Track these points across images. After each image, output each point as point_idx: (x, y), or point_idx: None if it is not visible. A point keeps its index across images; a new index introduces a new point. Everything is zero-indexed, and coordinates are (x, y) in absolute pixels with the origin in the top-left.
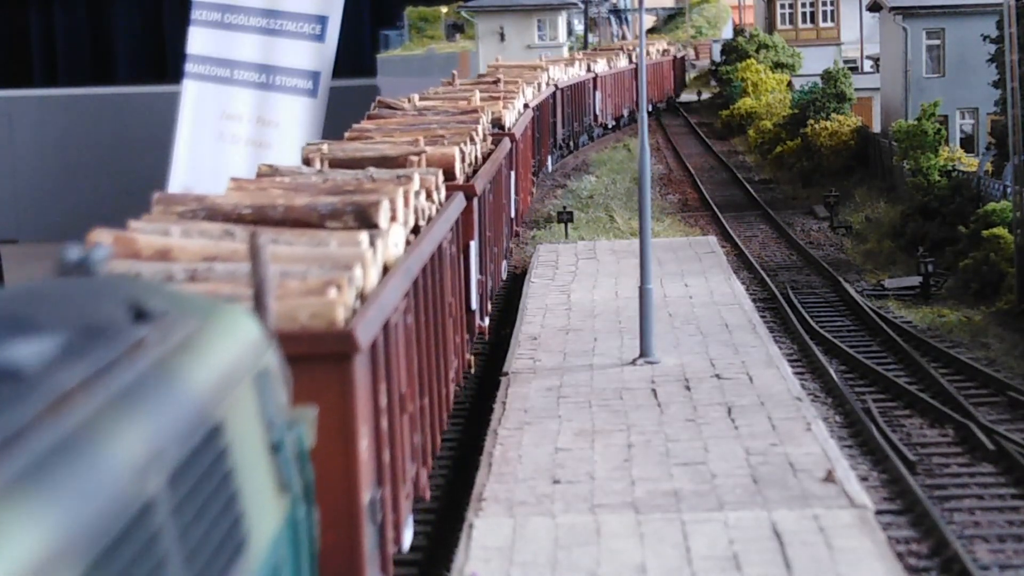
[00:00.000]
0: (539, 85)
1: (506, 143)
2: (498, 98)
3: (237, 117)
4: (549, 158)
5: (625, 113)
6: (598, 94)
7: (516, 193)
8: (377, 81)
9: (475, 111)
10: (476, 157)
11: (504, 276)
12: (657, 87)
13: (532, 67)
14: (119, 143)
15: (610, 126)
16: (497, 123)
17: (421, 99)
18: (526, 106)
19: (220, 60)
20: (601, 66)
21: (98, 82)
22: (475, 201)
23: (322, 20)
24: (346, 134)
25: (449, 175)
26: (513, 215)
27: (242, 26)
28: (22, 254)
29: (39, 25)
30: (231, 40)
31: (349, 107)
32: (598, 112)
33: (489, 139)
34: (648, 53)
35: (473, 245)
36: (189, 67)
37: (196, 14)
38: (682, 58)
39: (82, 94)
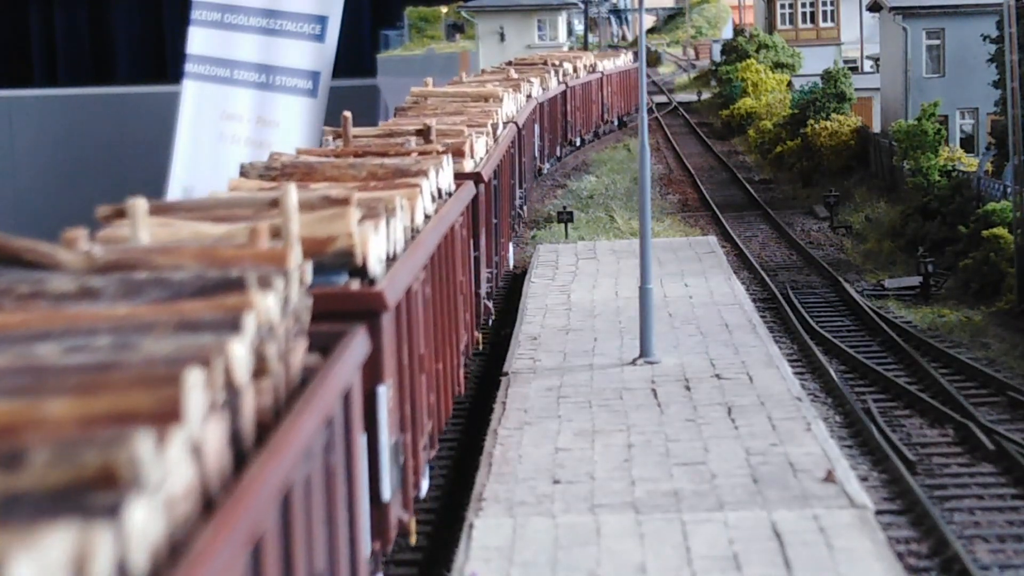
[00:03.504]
0: (494, 129)
1: (323, 393)
2: (408, 178)
3: (237, 117)
4: (511, 246)
5: (558, 151)
6: (536, 128)
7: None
8: (377, 81)
9: (235, 297)
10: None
11: None
12: (584, 116)
13: (481, 96)
14: (119, 143)
15: (544, 170)
16: (348, 264)
17: (160, 212)
18: (477, 181)
19: (220, 60)
20: (536, 89)
21: (98, 82)
22: None
23: (322, 20)
24: None
25: None
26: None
27: (242, 26)
28: None
29: (39, 25)
30: (231, 40)
31: (349, 107)
32: (536, 154)
33: (296, 355)
34: (575, 70)
35: None
36: (189, 67)
37: (196, 14)
38: (631, 72)
39: (82, 94)
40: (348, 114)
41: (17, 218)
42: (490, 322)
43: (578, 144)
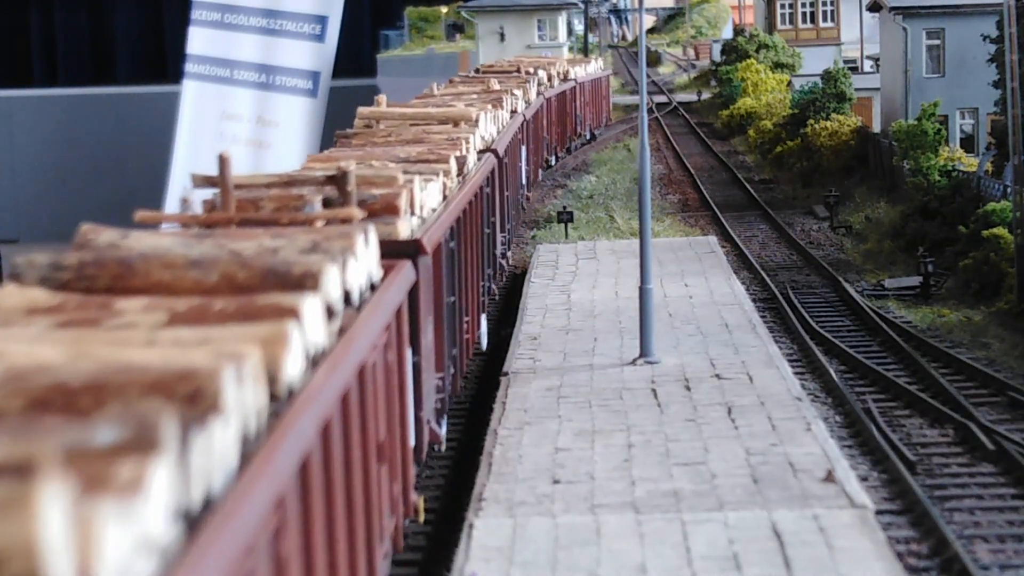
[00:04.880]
0: (461, 164)
1: None
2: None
3: (237, 117)
4: (484, 320)
5: (540, 174)
6: (523, 151)
7: None
8: (377, 81)
9: None
10: None
11: None
12: (559, 131)
13: (448, 118)
14: (119, 143)
15: (530, 198)
16: None
17: None
18: (416, 254)
19: (220, 60)
20: (520, 103)
21: (98, 82)
22: None
23: (322, 20)
24: None
25: None
26: None
27: (242, 26)
28: (22, 254)
29: (39, 25)
30: (231, 40)
31: (349, 107)
32: (524, 181)
33: None
34: (549, 78)
35: None
36: (189, 67)
37: (196, 14)
38: (603, 80)
39: (82, 94)
40: (226, 154)
41: (17, 218)
42: (441, 448)
43: (552, 163)
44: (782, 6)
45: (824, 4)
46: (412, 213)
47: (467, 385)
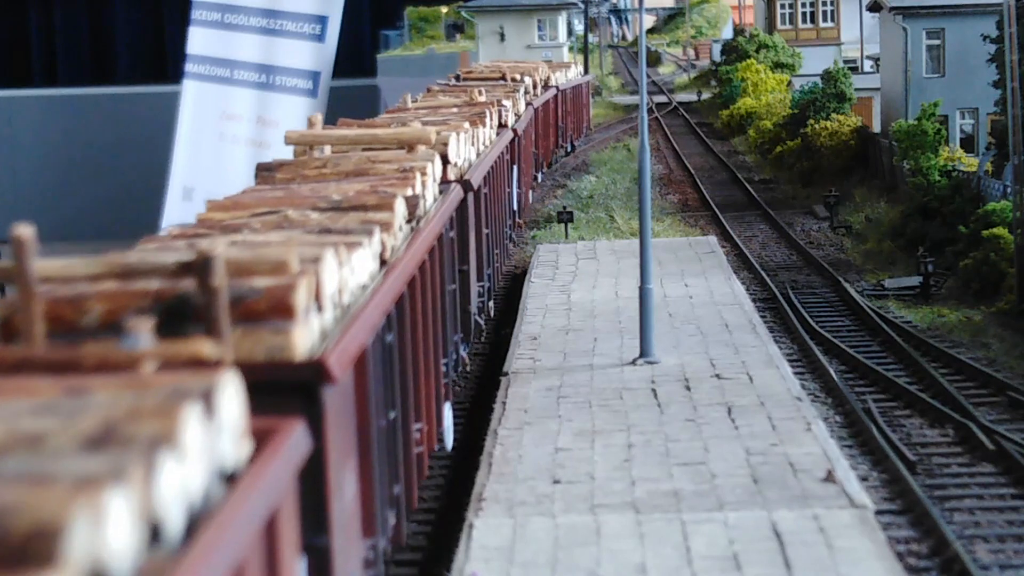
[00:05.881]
0: (413, 207)
1: None
2: None
3: (237, 117)
4: (448, 410)
5: (531, 198)
6: (515, 171)
7: None
8: (377, 81)
9: None
10: None
11: None
12: (544, 144)
13: (401, 141)
14: (119, 143)
15: (516, 229)
16: None
17: None
18: (315, 386)
19: (220, 60)
20: (510, 115)
21: (98, 82)
22: None
23: (322, 20)
24: None
25: None
26: None
27: (242, 26)
28: None
29: (39, 25)
30: (231, 40)
31: (349, 107)
32: (516, 207)
33: None
34: (534, 85)
35: None
36: (189, 67)
37: (196, 14)
38: (583, 87)
39: (82, 94)
40: (24, 234)
41: (17, 218)
42: None
43: (538, 179)
44: (782, 6)
45: (824, 4)
46: (319, 308)
47: (467, 385)
